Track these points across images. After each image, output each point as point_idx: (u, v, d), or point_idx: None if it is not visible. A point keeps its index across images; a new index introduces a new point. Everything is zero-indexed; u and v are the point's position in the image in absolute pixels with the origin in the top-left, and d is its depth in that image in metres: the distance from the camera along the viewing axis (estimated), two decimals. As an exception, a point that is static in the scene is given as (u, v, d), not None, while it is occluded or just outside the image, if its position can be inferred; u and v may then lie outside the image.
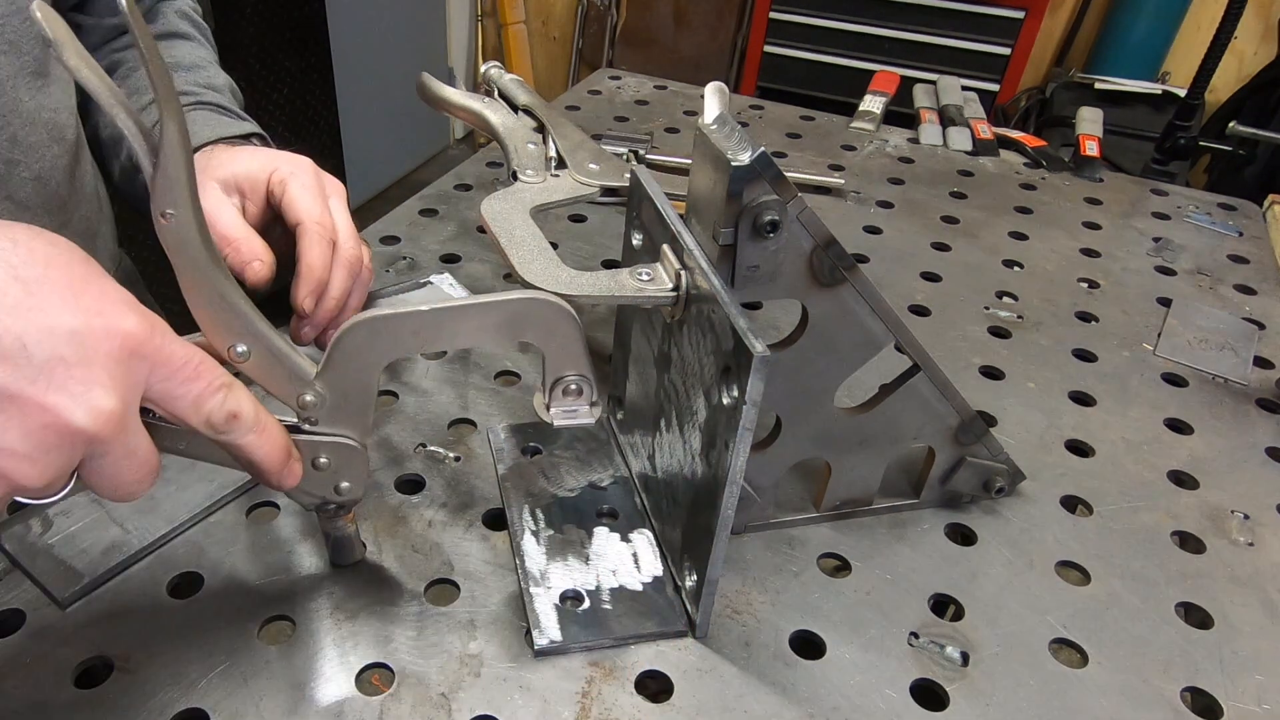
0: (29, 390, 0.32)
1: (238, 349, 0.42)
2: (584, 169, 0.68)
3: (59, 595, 0.49)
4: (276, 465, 0.42)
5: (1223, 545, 0.58)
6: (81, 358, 0.33)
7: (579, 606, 0.50)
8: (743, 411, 0.41)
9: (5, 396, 0.32)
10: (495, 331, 0.45)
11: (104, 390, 0.34)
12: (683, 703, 0.46)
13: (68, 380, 0.33)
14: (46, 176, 0.61)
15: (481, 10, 3.34)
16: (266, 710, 0.44)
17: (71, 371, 0.33)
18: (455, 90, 0.78)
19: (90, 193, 0.70)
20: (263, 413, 0.41)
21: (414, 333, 0.44)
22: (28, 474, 0.33)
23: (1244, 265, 0.93)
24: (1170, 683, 0.49)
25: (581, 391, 0.48)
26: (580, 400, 0.48)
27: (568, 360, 0.47)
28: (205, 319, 0.41)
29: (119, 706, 0.44)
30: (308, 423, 0.45)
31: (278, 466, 0.42)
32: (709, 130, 0.45)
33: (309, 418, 0.45)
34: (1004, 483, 0.59)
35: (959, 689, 0.48)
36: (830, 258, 0.47)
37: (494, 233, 0.53)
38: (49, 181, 0.61)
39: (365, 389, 0.45)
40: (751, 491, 0.54)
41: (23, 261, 0.33)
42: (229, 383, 0.39)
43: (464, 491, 0.58)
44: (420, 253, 0.84)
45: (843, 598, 0.53)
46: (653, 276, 0.49)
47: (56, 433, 0.33)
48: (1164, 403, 0.72)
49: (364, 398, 0.45)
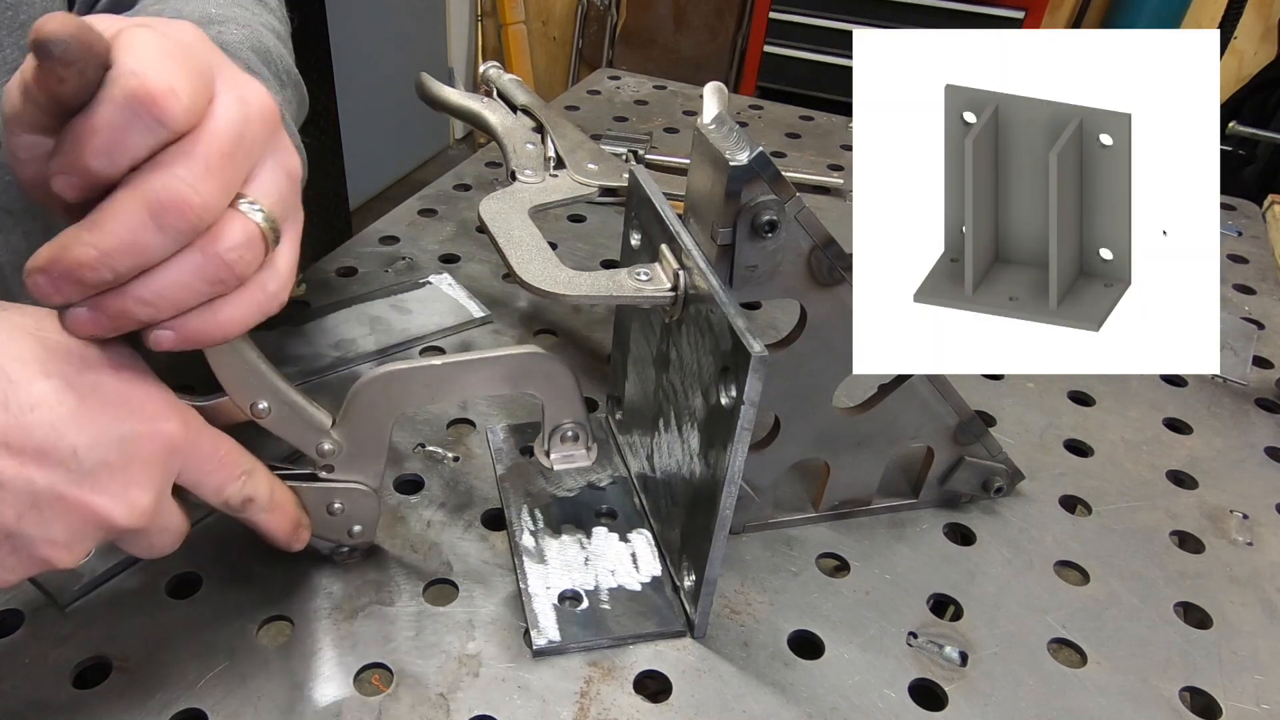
0: (75, 492, 0.35)
1: (259, 405, 0.44)
2: (583, 169, 0.68)
3: (58, 595, 0.49)
4: (285, 537, 0.46)
5: (1222, 545, 0.58)
6: (124, 461, 0.36)
7: (577, 606, 0.50)
8: (741, 411, 0.41)
9: (54, 496, 0.35)
10: (500, 383, 0.48)
11: (142, 489, 0.37)
12: (681, 703, 0.47)
13: (110, 483, 0.36)
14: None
15: (481, 10, 3.34)
16: (265, 710, 0.44)
17: (114, 475, 0.36)
18: (454, 90, 0.79)
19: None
20: (278, 492, 0.45)
21: (426, 385, 0.47)
22: (64, 559, 0.37)
23: (1243, 265, 0.93)
24: (1169, 682, 0.49)
25: (578, 437, 0.52)
26: (577, 445, 0.52)
27: (565, 409, 0.51)
28: (228, 379, 0.43)
29: (118, 706, 0.44)
30: (325, 470, 0.47)
31: (286, 538, 0.47)
32: (707, 130, 0.45)
33: (326, 465, 0.47)
34: (1003, 482, 0.59)
35: (958, 689, 0.48)
36: (829, 257, 0.47)
37: (492, 233, 0.53)
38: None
39: (379, 438, 0.47)
40: (750, 491, 0.54)
41: (75, 370, 0.36)
42: (250, 469, 0.43)
43: (462, 492, 0.58)
44: (419, 253, 0.84)
45: (841, 598, 0.53)
46: (651, 276, 0.49)
47: (96, 526, 0.37)
48: (1163, 402, 0.72)
49: (377, 446, 0.48)
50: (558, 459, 0.52)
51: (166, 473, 0.39)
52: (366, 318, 0.73)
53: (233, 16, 0.57)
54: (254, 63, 0.55)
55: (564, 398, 0.50)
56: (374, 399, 0.46)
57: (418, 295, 0.76)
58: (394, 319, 0.73)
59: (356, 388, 0.46)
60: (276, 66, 0.58)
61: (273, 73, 0.57)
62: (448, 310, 0.75)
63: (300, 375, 0.66)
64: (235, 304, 0.37)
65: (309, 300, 0.76)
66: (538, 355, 0.48)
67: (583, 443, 0.52)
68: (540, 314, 0.76)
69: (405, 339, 0.71)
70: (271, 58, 0.58)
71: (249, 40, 0.56)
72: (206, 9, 0.57)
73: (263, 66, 0.56)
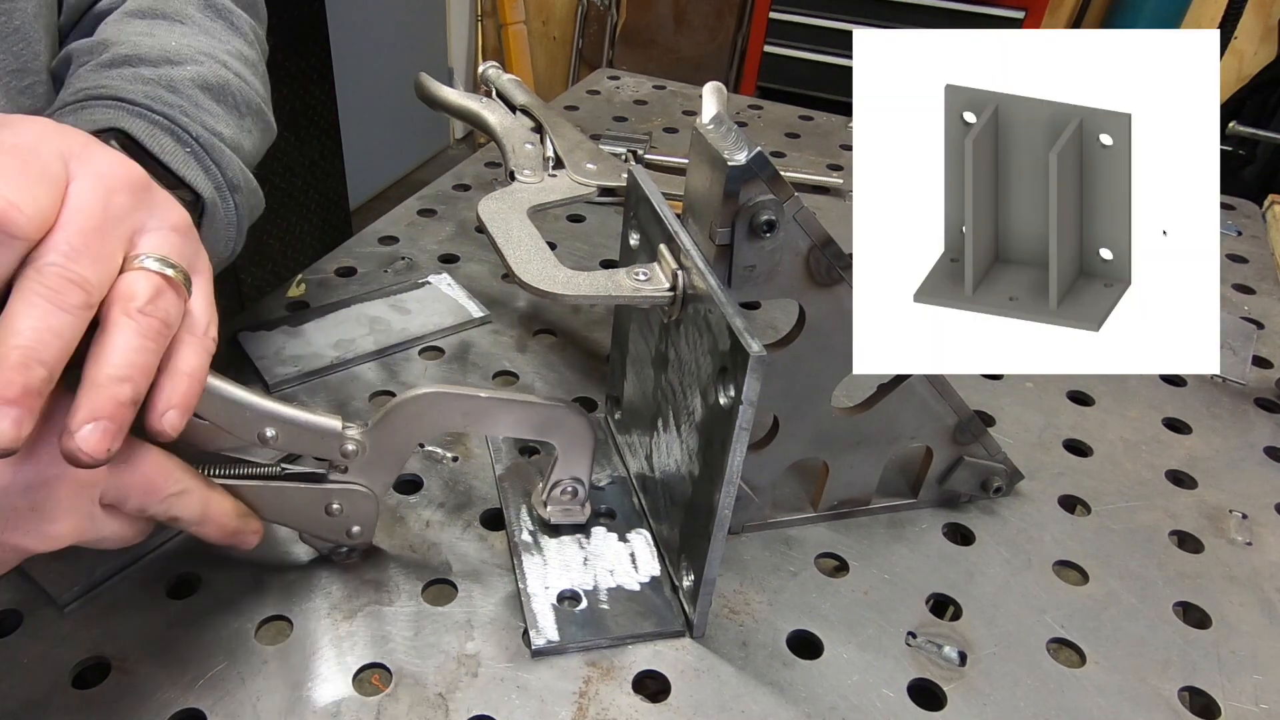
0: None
1: (266, 434, 0.44)
2: (581, 169, 0.68)
3: (57, 596, 0.49)
4: (221, 542, 0.46)
5: (1221, 545, 0.58)
6: (33, 504, 0.37)
7: (576, 606, 0.50)
8: (739, 411, 0.41)
9: None
10: (529, 428, 0.50)
11: (56, 523, 0.38)
12: (680, 702, 0.46)
13: (21, 522, 0.37)
14: None
15: (481, 10, 3.34)
16: (264, 710, 0.44)
17: (24, 516, 0.37)
18: (453, 90, 0.79)
19: None
20: (213, 506, 0.44)
21: (464, 413, 0.48)
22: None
23: (1243, 264, 0.93)
24: (1168, 682, 0.49)
25: (577, 494, 0.54)
26: (574, 501, 0.54)
27: (576, 465, 0.52)
28: (225, 422, 0.44)
29: (117, 707, 0.44)
30: (336, 470, 0.47)
31: (222, 542, 0.46)
32: (706, 130, 0.45)
33: (341, 466, 0.47)
34: (1002, 482, 0.59)
35: (956, 688, 0.48)
36: (827, 257, 0.47)
37: (491, 233, 0.53)
38: None
39: (402, 451, 0.48)
40: (749, 491, 0.54)
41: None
42: (179, 492, 0.42)
43: (461, 491, 0.58)
44: (419, 253, 0.84)
45: (840, 597, 0.53)
46: (650, 276, 0.49)
47: (16, 556, 0.38)
48: (1162, 402, 0.72)
49: (398, 458, 0.48)
50: (554, 511, 0.54)
51: (82, 503, 0.39)
52: (366, 318, 0.73)
53: (191, 53, 0.57)
54: (201, 99, 0.55)
55: (579, 455, 0.52)
56: (415, 414, 0.47)
57: (417, 295, 0.76)
58: (393, 319, 0.73)
59: (403, 399, 0.46)
60: (233, 99, 0.58)
61: (227, 107, 0.58)
62: (447, 310, 0.75)
63: (300, 375, 0.66)
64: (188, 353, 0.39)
65: (308, 300, 0.76)
66: (571, 411, 0.50)
67: (579, 499, 0.54)
68: (539, 314, 0.76)
69: (404, 339, 0.71)
70: (228, 91, 0.58)
71: (200, 77, 0.56)
72: (167, 43, 0.57)
73: (213, 103, 0.56)
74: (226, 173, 0.55)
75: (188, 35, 0.60)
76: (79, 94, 0.52)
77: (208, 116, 0.55)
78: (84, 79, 0.54)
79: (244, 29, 0.66)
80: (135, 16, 0.60)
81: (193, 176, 0.52)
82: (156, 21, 0.60)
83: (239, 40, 0.64)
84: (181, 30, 0.60)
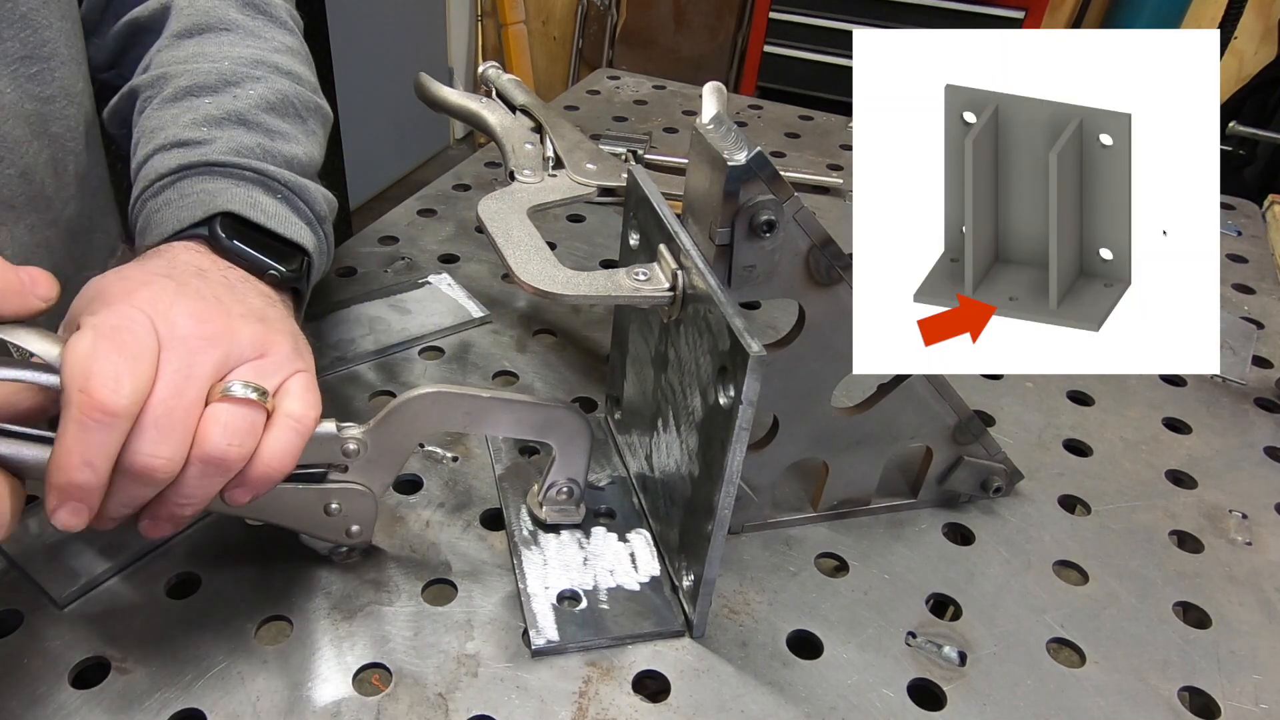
0: None
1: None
2: (581, 169, 0.68)
3: (57, 595, 0.49)
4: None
5: (1221, 545, 0.58)
6: None
7: (576, 606, 0.50)
8: (739, 411, 0.41)
9: None
10: (529, 429, 0.50)
11: None
12: (680, 702, 0.46)
13: None
14: (31, 172, 0.58)
15: (481, 10, 3.34)
16: (264, 710, 0.44)
17: None
18: (453, 90, 0.79)
19: (87, 186, 0.66)
20: None
21: (466, 413, 0.48)
22: None
23: (1243, 264, 0.93)
24: (1168, 682, 0.49)
25: (572, 494, 0.54)
26: (570, 502, 0.54)
27: (573, 466, 0.53)
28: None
29: (116, 706, 0.44)
30: (337, 469, 0.47)
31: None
32: (706, 130, 0.45)
33: (342, 465, 0.47)
34: (1002, 482, 0.59)
35: (956, 688, 0.48)
36: (827, 257, 0.47)
37: (491, 233, 0.53)
38: (33, 178, 0.59)
39: (402, 450, 0.48)
40: (749, 491, 0.54)
41: None
42: None
43: (461, 491, 0.58)
44: (418, 253, 0.84)
45: (840, 597, 0.53)
46: (650, 276, 0.49)
47: None
48: (1162, 402, 0.72)
49: (398, 457, 0.48)
50: (550, 511, 0.54)
51: None
52: (365, 318, 0.73)
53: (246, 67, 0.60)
54: (272, 123, 0.59)
55: (577, 457, 0.52)
56: (416, 413, 0.47)
57: (417, 295, 0.76)
58: (393, 319, 0.73)
59: (404, 399, 0.46)
60: (295, 108, 0.61)
61: (292, 119, 0.61)
62: (447, 310, 0.75)
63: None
64: (274, 445, 0.42)
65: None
66: (570, 412, 0.50)
67: (575, 500, 0.54)
68: (539, 314, 0.76)
69: (404, 339, 0.71)
70: (290, 102, 0.61)
71: (267, 98, 0.59)
72: (222, 66, 0.60)
73: (279, 120, 0.59)
74: (315, 208, 0.58)
75: (236, 44, 0.62)
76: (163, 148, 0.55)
77: (281, 143, 0.58)
78: (157, 118, 0.57)
79: (282, 17, 0.68)
80: (183, 38, 0.62)
81: (296, 233, 0.55)
82: (204, 38, 0.62)
83: (282, 32, 0.66)
84: (230, 40, 0.62)
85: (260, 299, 0.49)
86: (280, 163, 0.57)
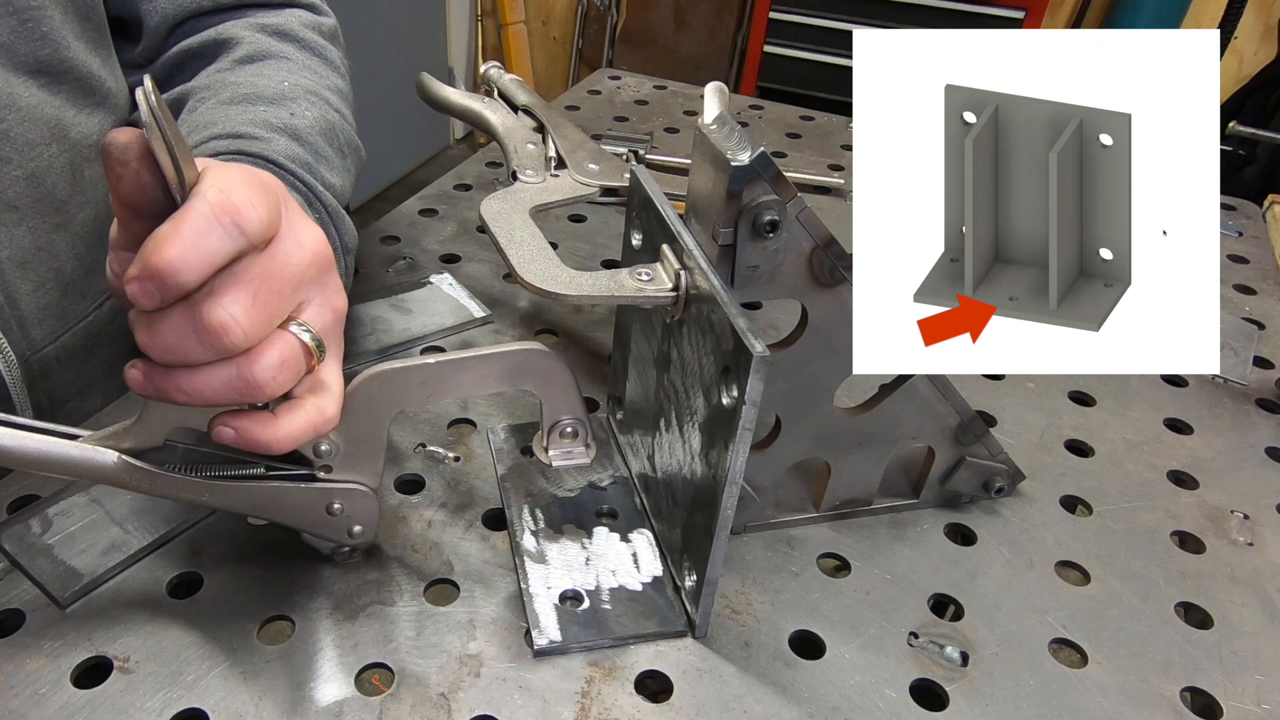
0: None
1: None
2: (583, 169, 0.68)
3: (58, 595, 0.49)
4: None
5: (1222, 545, 0.59)
6: None
7: (578, 607, 0.50)
8: (742, 411, 0.41)
9: None
10: (497, 380, 0.48)
11: None
12: (682, 703, 0.47)
13: None
14: (41, 175, 0.59)
15: (481, 10, 3.34)
16: (266, 710, 0.44)
17: None
18: (455, 90, 0.79)
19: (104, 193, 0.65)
20: None
21: (421, 384, 0.47)
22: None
23: (1243, 265, 0.93)
24: (1170, 682, 0.49)
25: (577, 434, 0.52)
26: (576, 442, 0.52)
27: (564, 405, 0.51)
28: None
29: (118, 706, 0.44)
30: (323, 470, 0.47)
31: None
32: (708, 130, 0.45)
33: (324, 465, 0.47)
34: (1003, 482, 0.59)
35: (958, 689, 0.48)
36: (830, 257, 0.47)
37: (493, 233, 0.53)
38: (43, 181, 0.60)
39: (376, 438, 0.48)
40: (751, 491, 0.55)
41: None
42: None
43: (463, 491, 0.58)
44: (420, 253, 0.84)
45: (842, 598, 0.53)
46: (652, 276, 0.49)
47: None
48: (1164, 403, 0.72)
49: (375, 446, 0.48)
50: (556, 455, 0.52)
51: None
52: (367, 318, 0.73)
53: (301, 91, 0.62)
54: (321, 147, 0.60)
55: (561, 394, 0.50)
56: (370, 398, 0.46)
57: (418, 295, 0.76)
58: (394, 319, 0.73)
59: (351, 387, 0.46)
60: (339, 140, 0.63)
61: (337, 149, 0.62)
62: (448, 310, 0.75)
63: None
64: (292, 421, 0.41)
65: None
66: (534, 351, 0.48)
67: (582, 439, 0.52)
68: (541, 314, 0.76)
69: (406, 339, 0.71)
70: (335, 133, 0.62)
71: (319, 123, 0.61)
72: (280, 84, 0.61)
73: (328, 148, 0.61)
74: (345, 238, 0.59)
75: (295, 72, 0.64)
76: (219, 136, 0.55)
77: (325, 168, 0.59)
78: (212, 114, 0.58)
79: (336, 62, 0.71)
80: (243, 63, 0.64)
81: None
82: (265, 63, 0.65)
83: (335, 75, 0.69)
84: (288, 68, 0.65)
85: None
86: (324, 184, 0.58)
